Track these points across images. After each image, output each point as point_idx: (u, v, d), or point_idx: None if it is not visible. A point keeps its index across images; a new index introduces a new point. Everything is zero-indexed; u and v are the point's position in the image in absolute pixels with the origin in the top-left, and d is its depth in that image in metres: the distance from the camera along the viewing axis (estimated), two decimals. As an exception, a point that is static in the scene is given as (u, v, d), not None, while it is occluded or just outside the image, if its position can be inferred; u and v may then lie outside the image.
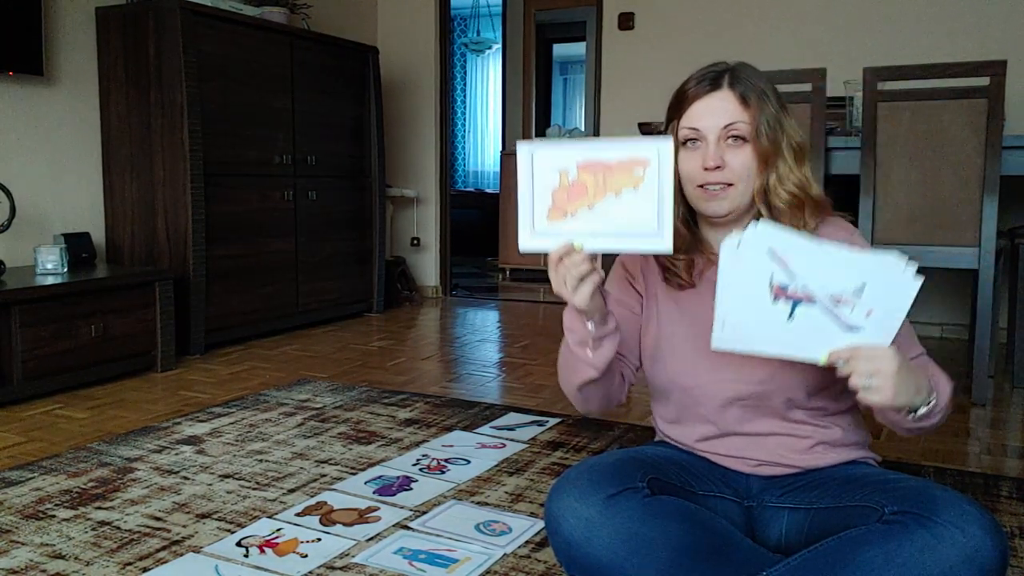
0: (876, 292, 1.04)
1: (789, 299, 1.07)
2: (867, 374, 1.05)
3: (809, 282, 1.06)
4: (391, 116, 4.92)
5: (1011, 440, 2.33)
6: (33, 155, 3.15)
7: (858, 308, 1.05)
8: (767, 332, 1.09)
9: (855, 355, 1.05)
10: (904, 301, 1.04)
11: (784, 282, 1.07)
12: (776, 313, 1.08)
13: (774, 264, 1.07)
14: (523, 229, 1.12)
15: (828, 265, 1.06)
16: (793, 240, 1.07)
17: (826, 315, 1.06)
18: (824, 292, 1.06)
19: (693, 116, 1.25)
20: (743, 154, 1.24)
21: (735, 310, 1.10)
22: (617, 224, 1.09)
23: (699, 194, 1.27)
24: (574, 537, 1.16)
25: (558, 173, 1.10)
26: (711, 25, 4.24)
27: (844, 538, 1.11)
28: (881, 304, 1.05)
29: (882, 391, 1.05)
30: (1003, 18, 3.66)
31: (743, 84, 1.24)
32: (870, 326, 1.05)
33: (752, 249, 1.08)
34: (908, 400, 1.08)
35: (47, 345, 2.64)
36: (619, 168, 1.08)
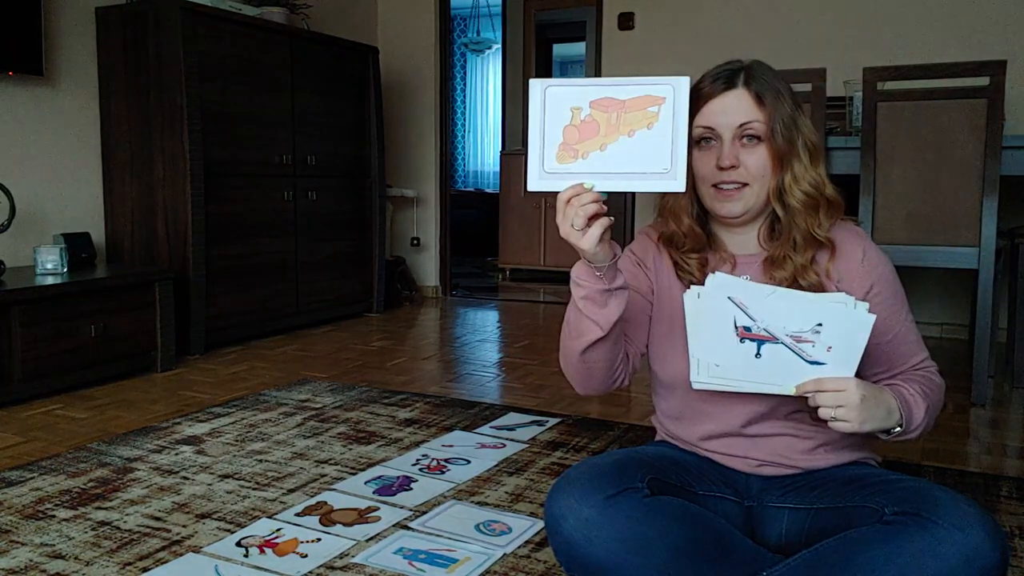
0: (833, 330, 1.11)
1: (754, 340, 1.15)
2: (833, 405, 1.11)
3: (769, 324, 1.14)
4: (391, 116, 4.92)
5: (1011, 440, 2.33)
6: (33, 155, 3.15)
7: (818, 345, 1.12)
8: (739, 370, 1.16)
9: (821, 387, 1.12)
10: (861, 336, 1.11)
11: (747, 324, 1.15)
12: (744, 352, 1.15)
13: (735, 309, 1.15)
14: (532, 169, 1.09)
15: (783, 308, 1.13)
16: (748, 288, 1.15)
17: (790, 352, 1.14)
18: (784, 332, 1.13)
19: (708, 115, 1.25)
20: (758, 153, 1.23)
21: (706, 352, 1.17)
22: (629, 164, 1.07)
23: (713, 194, 1.26)
24: (574, 537, 1.16)
25: (570, 110, 1.07)
26: (711, 25, 4.24)
27: (844, 539, 1.11)
28: (839, 340, 1.12)
29: (848, 420, 1.11)
30: (1003, 18, 3.66)
31: (758, 83, 1.23)
32: (832, 360, 1.13)
33: (713, 297, 1.15)
34: (876, 426, 1.14)
35: (47, 345, 2.64)
36: (633, 105, 1.06)
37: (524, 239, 6.12)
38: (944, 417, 2.53)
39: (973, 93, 2.59)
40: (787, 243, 1.26)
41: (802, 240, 1.25)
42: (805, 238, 1.25)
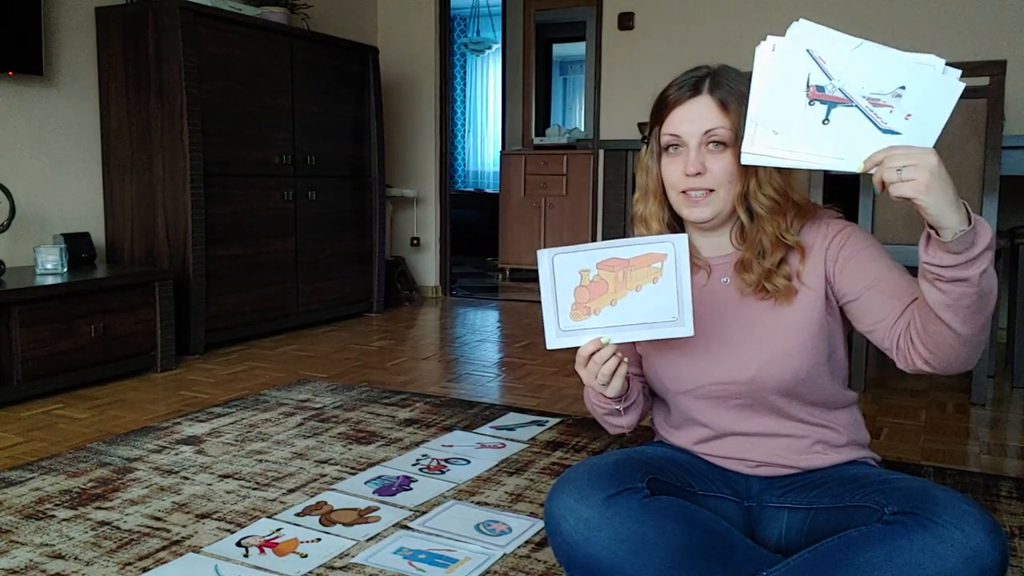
0: (916, 95, 1.00)
1: (825, 101, 1.03)
2: (901, 165, 0.99)
3: (847, 83, 1.02)
4: (391, 116, 4.92)
5: (1011, 440, 2.33)
6: (33, 155, 3.15)
7: (897, 111, 1.01)
8: (801, 138, 1.04)
9: (890, 154, 1.00)
10: (946, 105, 1.00)
11: (821, 83, 1.03)
12: (811, 116, 1.03)
13: (811, 64, 1.03)
14: (549, 329, 1.18)
15: (868, 65, 1.01)
16: (833, 37, 1.03)
17: (863, 119, 1.02)
18: (862, 94, 1.02)
19: (673, 123, 1.26)
20: (724, 159, 1.24)
21: (768, 115, 1.05)
22: (639, 316, 1.15)
23: (682, 200, 1.27)
24: (574, 537, 1.16)
25: (579, 273, 1.16)
26: (711, 25, 4.24)
27: (844, 538, 1.11)
28: (921, 107, 1.00)
29: (915, 181, 0.98)
30: (1003, 18, 3.66)
31: (723, 89, 1.24)
32: (909, 130, 1.01)
33: (790, 49, 1.04)
34: (943, 203, 0.99)
35: (47, 345, 2.64)
36: (637, 263, 1.14)
37: (524, 239, 6.12)
38: (944, 417, 2.53)
39: (973, 93, 2.58)
40: (753, 248, 1.26)
41: (770, 245, 1.25)
42: (773, 242, 1.25)
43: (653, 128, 1.30)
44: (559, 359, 3.26)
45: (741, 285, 1.28)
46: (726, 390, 1.28)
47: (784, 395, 1.26)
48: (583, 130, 6.64)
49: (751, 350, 1.26)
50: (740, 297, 1.29)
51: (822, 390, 1.28)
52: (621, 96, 4.51)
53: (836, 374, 1.30)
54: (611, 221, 3.22)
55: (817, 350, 1.25)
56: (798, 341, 1.24)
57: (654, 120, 1.30)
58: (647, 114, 1.35)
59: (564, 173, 5.98)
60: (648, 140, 1.33)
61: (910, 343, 1.15)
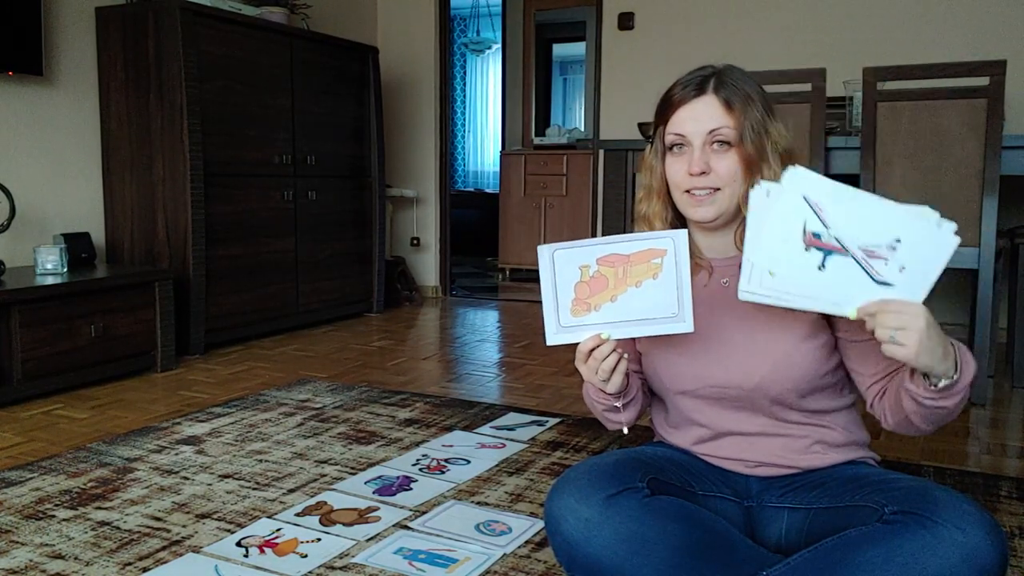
0: (911, 248, 1.01)
1: (821, 249, 1.04)
2: (894, 326, 1.01)
3: (843, 233, 1.03)
4: (391, 116, 4.92)
5: (1011, 440, 2.33)
6: (33, 155, 3.15)
7: (891, 263, 1.02)
8: (797, 282, 1.06)
9: (884, 309, 1.02)
10: (940, 259, 1.01)
11: (817, 231, 1.04)
12: (807, 262, 1.05)
13: (808, 211, 1.04)
14: (549, 325, 1.18)
15: (864, 216, 1.03)
16: (830, 188, 1.04)
17: (858, 268, 1.03)
18: (857, 244, 1.03)
19: (678, 122, 1.26)
20: (728, 159, 1.23)
21: (764, 259, 1.07)
22: (639, 311, 1.16)
23: (686, 199, 1.27)
24: (574, 537, 1.16)
25: (579, 268, 1.16)
26: (711, 25, 4.24)
27: (844, 538, 1.11)
28: (915, 261, 1.02)
29: (907, 346, 1.01)
30: (1003, 18, 3.66)
31: (728, 89, 1.24)
32: (902, 283, 1.02)
33: (787, 195, 1.05)
34: (932, 362, 1.03)
35: (47, 345, 2.64)
36: (637, 259, 1.14)
37: (524, 239, 6.12)
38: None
39: (973, 93, 2.59)
40: None
41: None
42: None
43: (657, 127, 1.30)
44: (559, 359, 3.26)
45: None
46: (726, 392, 1.28)
47: (785, 398, 1.26)
48: (583, 130, 6.64)
49: (755, 357, 1.25)
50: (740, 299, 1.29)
51: (823, 392, 1.28)
52: (621, 96, 4.51)
53: (839, 380, 1.30)
54: (611, 221, 3.22)
55: (821, 358, 1.25)
56: (802, 349, 1.24)
57: (658, 119, 1.30)
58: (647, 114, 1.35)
59: (564, 173, 5.98)
60: (652, 139, 1.32)
61: (883, 410, 1.23)
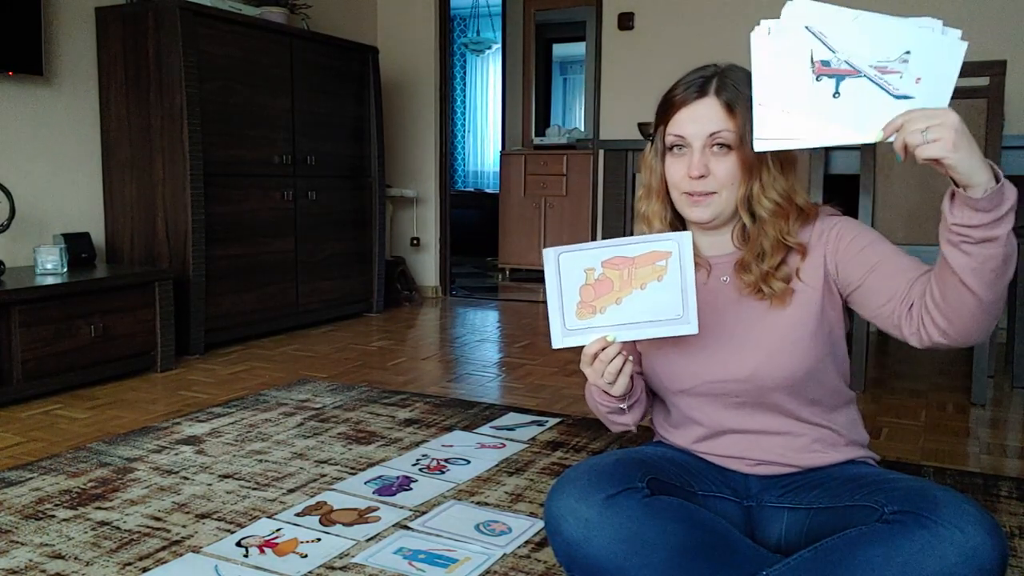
0: (922, 57, 1.00)
1: (833, 75, 1.02)
2: (923, 127, 0.97)
3: (852, 55, 1.01)
4: (391, 116, 4.92)
5: (1010, 440, 2.33)
6: (33, 155, 3.15)
7: (906, 75, 1.00)
8: (814, 115, 1.03)
9: (910, 118, 0.98)
10: (953, 64, 0.99)
11: (825, 58, 1.02)
12: (820, 92, 1.02)
13: (813, 40, 1.02)
14: (554, 328, 1.18)
15: (869, 35, 1.01)
16: (830, 12, 1.02)
17: (874, 87, 1.01)
18: (868, 63, 1.01)
19: (678, 123, 1.25)
20: (728, 162, 1.23)
21: (776, 98, 1.03)
22: (644, 314, 1.16)
23: (684, 200, 1.27)
24: (574, 537, 1.16)
25: (584, 271, 1.16)
26: (711, 25, 4.24)
27: (844, 538, 1.11)
28: (929, 69, 1.00)
29: (942, 139, 0.96)
30: (1003, 18, 3.66)
31: (730, 91, 1.23)
32: (922, 92, 1.00)
33: (787, 31, 1.03)
34: (971, 160, 0.97)
35: (47, 345, 2.64)
36: (642, 261, 1.15)
37: (524, 239, 6.13)
38: (944, 417, 2.53)
39: (973, 93, 2.59)
40: (753, 250, 1.26)
41: (770, 247, 1.25)
42: (773, 245, 1.25)
43: (658, 127, 1.30)
44: (559, 359, 3.26)
45: (740, 284, 1.29)
46: (724, 388, 1.28)
47: (782, 393, 1.26)
48: (583, 130, 6.64)
49: (749, 349, 1.26)
50: (739, 296, 1.29)
51: (821, 387, 1.28)
52: (621, 96, 4.51)
53: (837, 369, 1.30)
54: (611, 221, 3.22)
55: (816, 348, 1.25)
56: (796, 339, 1.24)
57: (659, 119, 1.30)
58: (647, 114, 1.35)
59: (564, 173, 5.98)
60: (653, 139, 1.32)
61: (925, 315, 1.12)
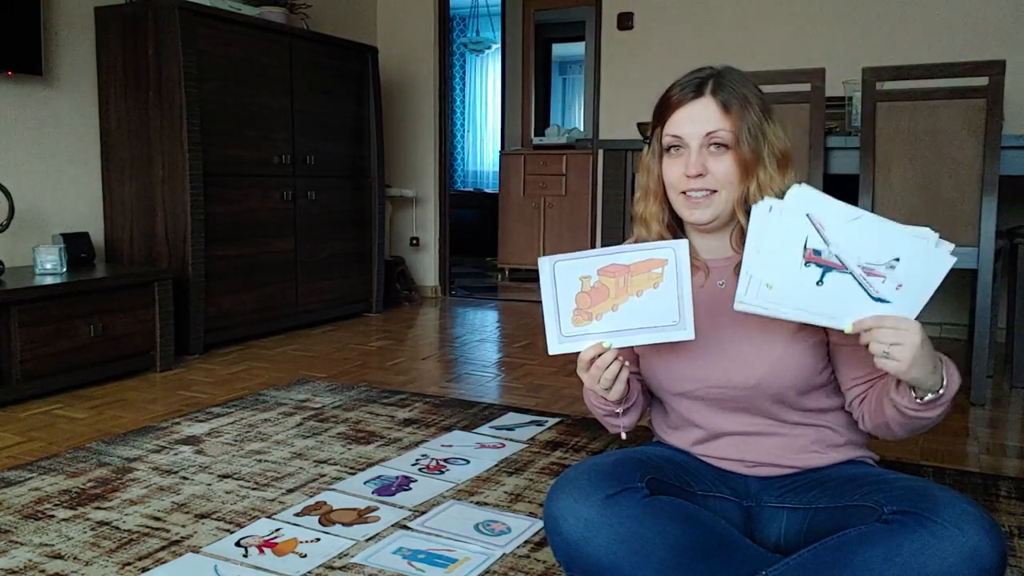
0: (909, 267, 1.05)
1: (821, 265, 1.08)
2: (889, 342, 1.05)
3: (843, 251, 1.06)
4: (390, 116, 4.92)
5: (1010, 440, 2.34)
6: (33, 155, 3.15)
7: (889, 281, 1.05)
8: (794, 296, 1.09)
9: (880, 324, 1.06)
10: (935, 278, 1.04)
11: (818, 247, 1.07)
12: (805, 277, 1.08)
13: (810, 228, 1.07)
14: (551, 335, 1.18)
15: (864, 236, 1.06)
16: (834, 207, 1.07)
17: (856, 285, 1.06)
18: (857, 262, 1.06)
19: (675, 123, 1.26)
20: (725, 161, 1.24)
21: (763, 271, 1.10)
22: (640, 320, 1.16)
23: (682, 201, 1.28)
24: (573, 537, 1.16)
25: (579, 279, 1.17)
26: (710, 25, 4.24)
27: (843, 538, 1.11)
28: (912, 279, 1.05)
29: (900, 360, 1.05)
30: (1003, 18, 3.66)
31: (726, 91, 1.24)
32: (898, 299, 1.06)
33: (790, 211, 1.08)
34: (921, 376, 1.07)
35: (46, 345, 2.64)
36: (637, 269, 1.15)
37: (523, 239, 6.12)
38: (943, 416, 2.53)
39: (972, 93, 2.59)
40: None
41: None
42: None
43: (655, 128, 1.30)
44: (558, 359, 3.25)
45: None
46: (725, 393, 1.28)
47: (784, 398, 1.26)
48: (582, 130, 6.64)
49: (752, 357, 1.25)
50: None
51: (822, 392, 1.28)
52: (620, 96, 4.51)
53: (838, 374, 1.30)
54: (610, 221, 3.22)
55: (817, 357, 1.25)
56: (799, 348, 1.24)
57: (656, 120, 1.30)
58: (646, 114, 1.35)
59: (563, 173, 5.98)
60: (650, 140, 1.32)
61: (862, 414, 1.25)
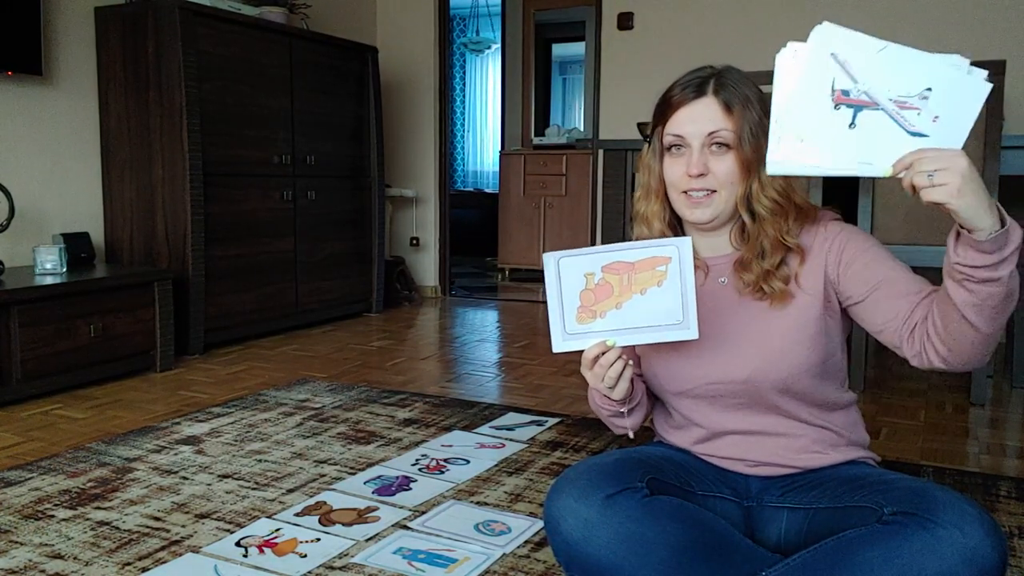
0: (943, 96, 0.98)
1: (851, 105, 1.01)
2: (931, 169, 0.97)
3: (872, 86, 1.00)
4: (390, 116, 4.92)
5: (1010, 440, 2.34)
6: (32, 155, 3.15)
7: (924, 113, 0.99)
8: (828, 144, 1.02)
9: (920, 157, 0.98)
10: (973, 106, 0.98)
11: (846, 87, 1.01)
12: (837, 121, 1.02)
13: (836, 68, 1.02)
14: (555, 333, 1.18)
15: (893, 67, 1.00)
16: (857, 40, 1.02)
17: (890, 121, 1.00)
18: (888, 96, 1.00)
19: (677, 123, 1.26)
20: (727, 161, 1.24)
21: (793, 124, 1.03)
22: (644, 318, 1.16)
23: (683, 200, 1.28)
24: (573, 537, 1.16)
25: (584, 276, 1.16)
26: (710, 25, 4.24)
27: (843, 538, 1.11)
28: (948, 109, 0.99)
29: (948, 184, 0.96)
30: (1003, 18, 3.66)
31: (727, 91, 1.24)
32: (937, 132, 0.99)
33: (813, 54, 1.02)
34: (976, 203, 0.97)
35: (46, 345, 2.64)
36: (642, 266, 1.15)
37: (523, 239, 6.12)
38: (943, 417, 2.53)
39: (972, 93, 2.59)
40: (753, 248, 1.26)
41: (770, 247, 1.25)
42: (773, 244, 1.25)
43: (656, 128, 1.30)
44: (558, 359, 3.26)
45: (739, 285, 1.29)
46: (723, 389, 1.28)
47: (780, 394, 1.26)
48: (582, 130, 6.64)
49: (747, 350, 1.26)
50: (738, 297, 1.29)
51: (818, 391, 1.28)
52: (620, 96, 4.51)
53: (834, 376, 1.30)
54: (610, 221, 3.21)
55: (813, 352, 1.25)
56: (793, 342, 1.24)
57: (657, 120, 1.30)
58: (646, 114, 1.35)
59: (563, 173, 5.98)
60: (651, 139, 1.32)
61: (926, 341, 1.13)
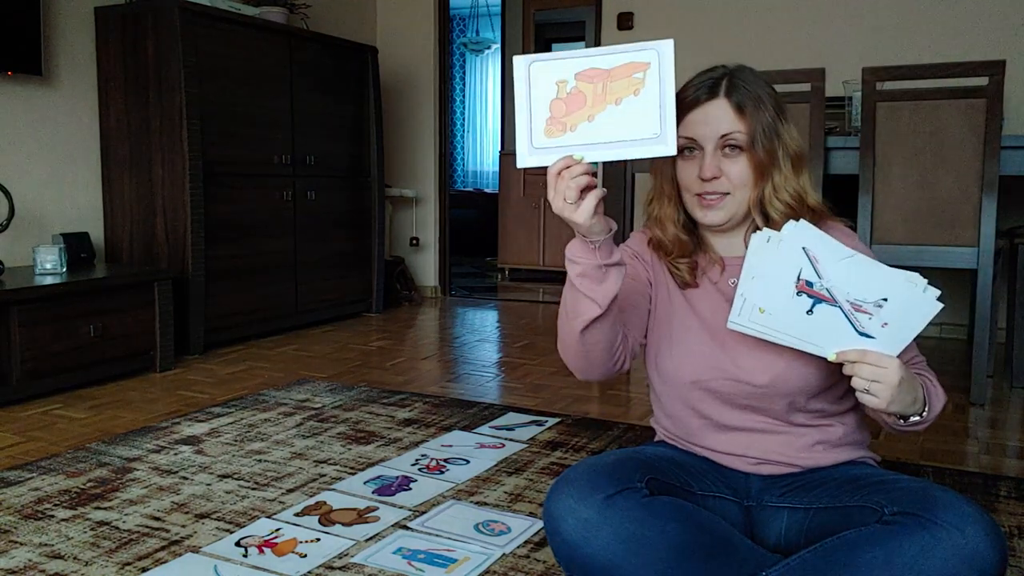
0: (896, 308, 1.10)
1: (812, 296, 1.12)
2: (869, 379, 1.10)
3: (834, 286, 1.12)
4: (390, 116, 4.92)
5: (1010, 440, 2.34)
6: (32, 155, 3.15)
7: (875, 318, 1.10)
8: (783, 322, 1.14)
9: (862, 359, 1.11)
10: (921, 321, 1.10)
11: (810, 279, 1.12)
12: (796, 306, 1.13)
13: (805, 261, 1.12)
14: (520, 146, 1.09)
15: (857, 274, 1.11)
16: (829, 244, 1.12)
17: (843, 318, 1.12)
18: (846, 298, 1.11)
19: (689, 125, 1.24)
20: (740, 163, 1.23)
21: (757, 296, 1.14)
22: (618, 132, 1.06)
23: (696, 202, 1.27)
24: (573, 537, 1.16)
25: (555, 84, 1.07)
26: (710, 25, 4.24)
27: (843, 539, 1.11)
28: (898, 319, 1.10)
29: (879, 397, 1.11)
30: (1003, 18, 3.66)
31: (740, 92, 1.23)
32: (883, 336, 1.11)
33: (787, 243, 1.12)
34: (901, 409, 1.14)
35: (46, 345, 2.64)
36: (618, 74, 1.05)
37: (523, 239, 6.13)
38: (943, 417, 2.53)
39: (972, 93, 2.59)
40: None
41: None
42: None
43: None
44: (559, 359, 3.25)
45: None
46: (736, 388, 1.27)
47: (793, 398, 1.26)
48: (582, 130, 6.63)
49: (769, 355, 1.24)
50: None
51: (831, 392, 1.28)
52: (620, 96, 4.50)
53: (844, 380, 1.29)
54: (610, 221, 3.21)
55: None
56: None
57: None
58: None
59: (563, 173, 5.97)
60: None
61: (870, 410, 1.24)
